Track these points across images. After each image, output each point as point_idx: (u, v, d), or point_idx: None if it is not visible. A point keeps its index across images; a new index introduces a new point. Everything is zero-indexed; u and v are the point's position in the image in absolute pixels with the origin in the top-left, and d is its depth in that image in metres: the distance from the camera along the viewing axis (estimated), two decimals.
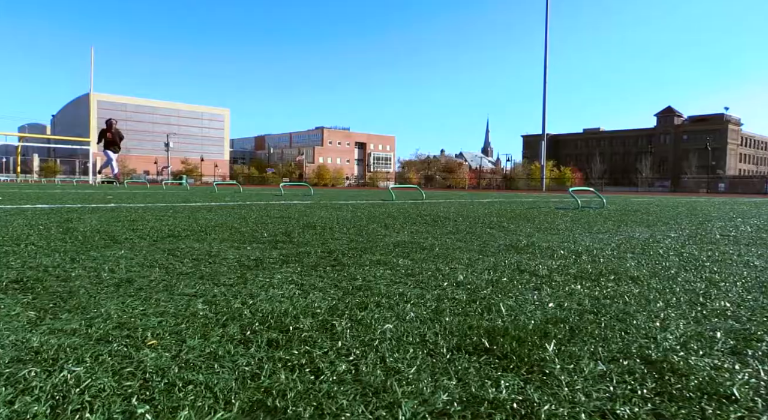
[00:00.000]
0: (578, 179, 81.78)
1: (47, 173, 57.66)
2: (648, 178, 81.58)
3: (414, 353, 0.79)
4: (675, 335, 0.89)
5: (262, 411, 0.59)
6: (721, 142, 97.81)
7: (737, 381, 0.69)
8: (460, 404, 0.61)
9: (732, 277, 1.47)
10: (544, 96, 37.22)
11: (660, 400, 0.63)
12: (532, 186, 59.87)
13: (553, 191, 44.66)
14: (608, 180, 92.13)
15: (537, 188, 46.74)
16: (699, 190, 62.46)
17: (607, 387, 0.67)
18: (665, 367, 0.73)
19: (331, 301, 1.12)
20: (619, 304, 1.12)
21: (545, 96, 37.25)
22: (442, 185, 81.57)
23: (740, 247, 2.22)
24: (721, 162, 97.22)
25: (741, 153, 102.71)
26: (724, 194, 38.04)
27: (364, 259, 1.73)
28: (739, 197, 19.15)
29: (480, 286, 1.29)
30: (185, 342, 0.83)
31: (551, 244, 2.21)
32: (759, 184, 68.77)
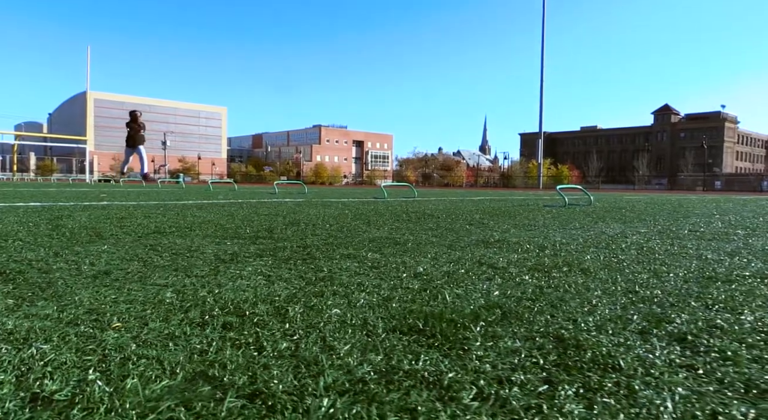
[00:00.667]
0: (575, 177, 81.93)
1: (44, 172, 57.52)
2: (645, 176, 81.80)
3: (352, 333, 0.87)
4: (596, 319, 0.98)
5: (203, 379, 0.67)
6: (717, 140, 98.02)
7: (629, 355, 0.77)
8: (377, 374, 0.70)
9: (678, 268, 1.56)
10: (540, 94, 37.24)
11: (555, 369, 0.72)
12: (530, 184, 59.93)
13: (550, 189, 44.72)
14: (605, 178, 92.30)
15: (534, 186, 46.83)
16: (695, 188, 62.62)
17: (513, 360, 0.75)
18: (571, 344, 0.82)
19: (291, 290, 1.20)
20: (560, 292, 1.21)
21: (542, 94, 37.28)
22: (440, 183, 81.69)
23: (702, 241, 2.31)
24: (718, 160, 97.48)
25: (737, 151, 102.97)
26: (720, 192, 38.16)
27: (336, 253, 1.81)
28: (733, 195, 19.28)
29: (436, 277, 1.38)
30: (147, 325, 0.91)
31: (521, 239, 2.30)
32: (755, 182, 69.03)
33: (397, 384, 0.67)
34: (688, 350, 0.80)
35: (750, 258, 1.80)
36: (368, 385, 0.66)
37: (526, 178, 71.73)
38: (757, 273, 1.49)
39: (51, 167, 60.42)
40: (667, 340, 0.85)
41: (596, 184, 78.70)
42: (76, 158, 59.25)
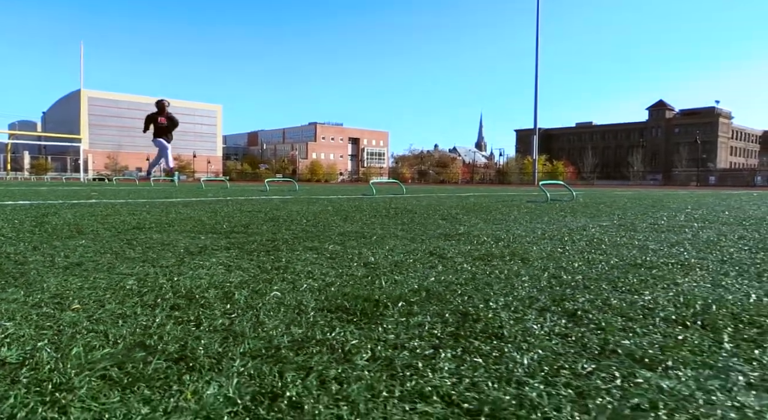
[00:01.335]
0: (570, 173, 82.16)
1: (38, 170, 57.27)
2: (639, 172, 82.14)
3: (284, 312, 0.99)
4: (507, 299, 1.09)
5: (140, 348, 0.78)
6: (711, 135, 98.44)
7: (516, 326, 0.89)
8: (292, 342, 0.81)
9: (613, 257, 1.68)
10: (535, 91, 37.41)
11: (446, 338, 0.83)
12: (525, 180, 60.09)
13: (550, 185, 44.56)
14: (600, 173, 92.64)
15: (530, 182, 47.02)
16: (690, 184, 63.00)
17: (415, 330, 0.87)
18: (471, 318, 0.94)
19: (244, 278, 1.32)
20: (490, 277, 1.33)
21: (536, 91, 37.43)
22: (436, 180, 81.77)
23: (654, 233, 2.43)
24: (712, 155, 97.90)
25: (732, 146, 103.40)
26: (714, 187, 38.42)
27: (300, 245, 1.92)
28: (725, 190, 19.47)
29: (383, 266, 1.49)
30: (104, 306, 1.02)
31: (484, 232, 2.42)
32: (748, 177, 69.48)
33: (306, 350, 0.78)
34: (572, 323, 0.92)
35: (687, 248, 1.92)
36: (281, 350, 0.78)
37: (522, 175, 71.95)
38: (680, 261, 1.61)
39: (45, 166, 60.16)
40: (559, 315, 0.97)
41: (591, 180, 79.05)
42: (71, 157, 59.05)
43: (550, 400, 0.61)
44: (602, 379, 0.68)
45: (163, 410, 0.58)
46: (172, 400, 0.60)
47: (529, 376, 0.68)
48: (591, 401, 0.61)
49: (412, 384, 0.66)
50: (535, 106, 38.08)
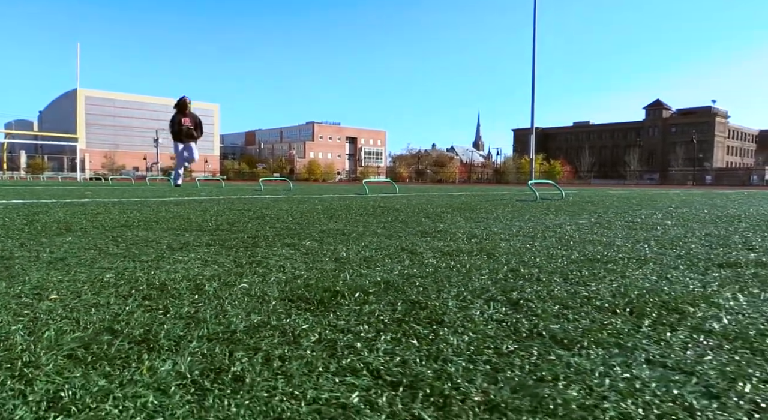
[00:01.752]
0: (567, 172, 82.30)
1: (35, 170, 57.12)
2: (636, 171, 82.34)
3: (248, 302, 1.06)
4: (460, 290, 1.17)
5: (107, 332, 0.86)
6: (708, 134, 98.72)
7: (459, 314, 0.97)
8: (248, 327, 0.88)
9: (575, 253, 1.76)
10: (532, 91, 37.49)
11: (391, 323, 0.91)
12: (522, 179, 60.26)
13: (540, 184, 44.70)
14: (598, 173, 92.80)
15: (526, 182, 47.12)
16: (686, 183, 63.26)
17: (365, 317, 0.94)
18: (419, 306, 1.01)
19: (218, 272, 1.39)
20: (452, 271, 1.40)
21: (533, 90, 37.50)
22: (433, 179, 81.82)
23: (626, 230, 2.51)
24: (709, 154, 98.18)
25: (728, 145, 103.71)
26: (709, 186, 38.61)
27: (279, 242, 2.00)
28: (719, 189, 19.60)
29: (353, 261, 1.56)
30: (80, 297, 1.09)
31: (461, 230, 2.49)
32: (744, 176, 69.72)
33: (259, 333, 0.85)
34: (512, 310, 1.00)
35: (651, 244, 2.00)
36: (236, 334, 0.85)
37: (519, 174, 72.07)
38: (638, 256, 1.69)
39: (42, 165, 60.01)
40: (502, 304, 1.05)
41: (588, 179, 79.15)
42: (67, 156, 58.91)
43: (466, 374, 0.68)
44: (520, 357, 0.75)
45: (119, 382, 0.65)
46: (128, 374, 0.68)
47: (456, 355, 0.76)
48: (502, 374, 0.68)
49: (347, 361, 0.73)
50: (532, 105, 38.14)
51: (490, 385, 0.65)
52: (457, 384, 0.65)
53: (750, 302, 1.07)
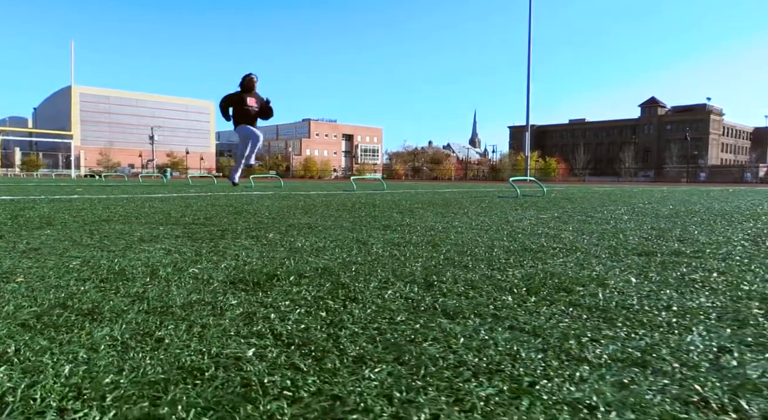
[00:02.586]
0: (563, 169, 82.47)
1: (29, 167, 56.91)
2: (631, 168, 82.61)
3: (192, 284, 1.19)
4: (387, 274, 1.30)
5: (60, 307, 0.99)
6: (703, 132, 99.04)
7: (375, 293, 1.10)
8: (183, 303, 1.01)
9: (515, 244, 1.89)
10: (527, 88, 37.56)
11: (311, 300, 1.04)
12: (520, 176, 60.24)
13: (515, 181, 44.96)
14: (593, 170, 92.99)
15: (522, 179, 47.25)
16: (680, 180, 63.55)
17: (290, 296, 1.08)
18: (341, 287, 1.14)
19: (177, 259, 1.52)
20: (391, 259, 1.53)
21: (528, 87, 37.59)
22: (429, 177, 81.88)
23: (580, 224, 2.65)
24: (703, 151, 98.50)
25: (723, 142, 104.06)
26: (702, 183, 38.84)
27: (245, 234, 2.13)
28: (709, 186, 19.79)
29: (305, 251, 1.70)
30: (44, 280, 1.22)
31: (423, 224, 2.63)
32: (737, 173, 70.06)
33: (192, 308, 0.98)
34: (423, 290, 1.13)
35: (592, 237, 2.14)
36: (172, 308, 0.98)
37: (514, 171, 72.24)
38: (571, 247, 1.83)
39: (36, 162, 59.77)
40: (417, 285, 1.18)
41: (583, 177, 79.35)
42: (62, 153, 58.70)
43: (352, 336, 0.82)
44: (407, 325, 0.88)
45: (59, 343, 0.78)
46: (68, 337, 0.81)
47: (352, 323, 0.89)
48: (381, 336, 0.82)
49: (258, 328, 0.86)
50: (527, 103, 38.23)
51: (368, 345, 0.78)
52: (341, 343, 0.79)
53: (637, 283, 1.21)
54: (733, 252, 1.71)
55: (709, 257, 1.59)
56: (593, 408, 0.57)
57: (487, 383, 0.64)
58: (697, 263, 1.48)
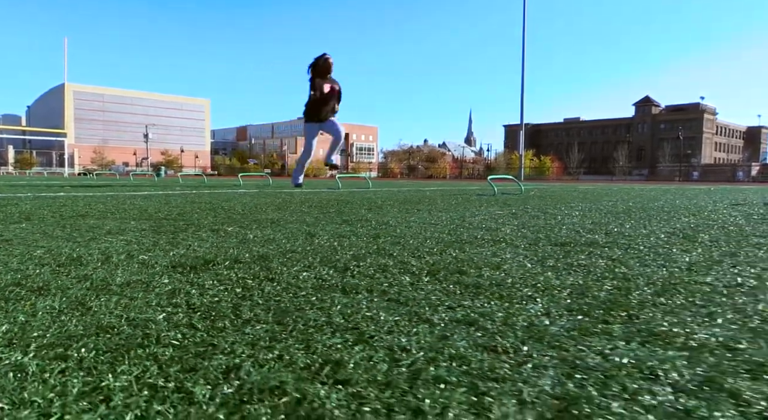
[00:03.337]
0: (557, 168, 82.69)
1: (23, 165, 56.65)
2: (624, 167, 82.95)
3: (138, 267, 1.35)
4: (319, 260, 1.47)
5: (14, 285, 1.15)
6: (697, 131, 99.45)
7: (297, 275, 1.27)
8: (123, 283, 1.18)
9: (451, 236, 2.06)
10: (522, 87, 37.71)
11: (236, 278, 1.21)
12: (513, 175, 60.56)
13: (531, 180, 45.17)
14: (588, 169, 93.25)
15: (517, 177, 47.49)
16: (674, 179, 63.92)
17: (220, 276, 1.24)
18: (267, 270, 1.31)
19: (133, 248, 1.68)
20: (325, 249, 1.70)
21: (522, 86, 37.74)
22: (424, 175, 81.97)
23: (528, 219, 2.83)
24: (697, 150, 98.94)
25: (716, 141, 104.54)
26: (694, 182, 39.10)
27: (207, 228, 2.29)
28: (698, 185, 20.03)
29: (255, 241, 1.86)
30: (6, 265, 1.38)
31: (381, 219, 2.79)
32: (729, 172, 70.51)
33: (126, 286, 1.15)
34: (337, 273, 1.30)
35: (527, 230, 2.31)
36: (110, 286, 1.14)
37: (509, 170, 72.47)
38: (498, 239, 2.00)
39: (30, 161, 59.49)
40: (334, 269, 1.35)
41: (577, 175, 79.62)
42: (56, 151, 58.42)
43: (251, 306, 0.98)
44: (305, 298, 1.05)
45: (5, 311, 0.95)
46: (13, 307, 0.97)
47: (259, 297, 1.06)
48: (277, 306, 0.98)
49: (177, 300, 1.03)
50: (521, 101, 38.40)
51: (262, 311, 0.95)
52: (240, 311, 0.95)
53: (529, 268, 1.38)
54: (641, 243, 1.89)
55: (614, 247, 1.76)
56: (406, 349, 0.74)
57: (338, 336, 0.81)
58: (599, 252, 1.66)
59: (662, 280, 1.23)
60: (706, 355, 0.73)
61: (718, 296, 1.07)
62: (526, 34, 35.67)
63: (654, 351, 0.74)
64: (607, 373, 0.67)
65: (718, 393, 0.60)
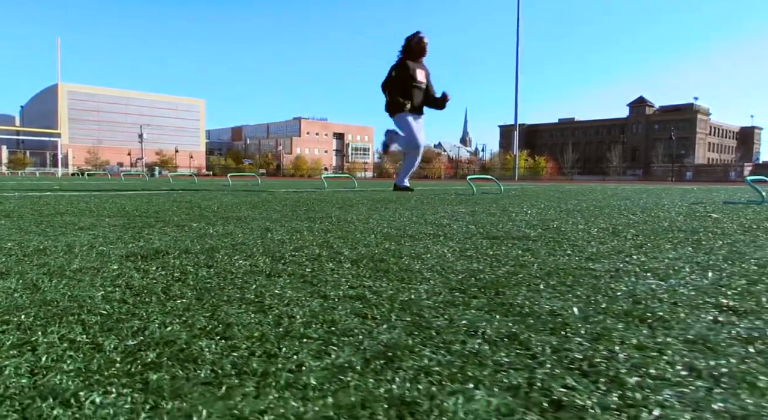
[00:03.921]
0: (551, 168, 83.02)
1: (16, 165, 56.44)
2: (618, 167, 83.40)
3: (95, 257, 1.51)
4: (265, 250, 1.63)
5: None
6: (690, 131, 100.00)
7: (235, 264, 1.43)
8: (79, 269, 1.34)
9: (399, 231, 2.23)
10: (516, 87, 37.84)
11: (179, 264, 1.37)
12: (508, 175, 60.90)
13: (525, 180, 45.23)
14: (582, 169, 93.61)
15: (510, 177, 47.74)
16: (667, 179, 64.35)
17: (166, 264, 1.40)
18: (211, 259, 1.47)
19: (97, 241, 1.83)
20: (273, 242, 1.86)
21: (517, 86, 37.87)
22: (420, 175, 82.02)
23: (488, 217, 3.00)
24: (690, 151, 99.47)
25: (709, 142, 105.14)
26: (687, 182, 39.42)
27: (174, 225, 2.44)
28: (686, 185, 20.29)
29: (212, 235, 2.02)
30: None
31: (344, 217, 2.96)
32: (721, 172, 71.03)
33: (79, 272, 1.31)
34: (272, 261, 1.46)
35: (473, 226, 2.48)
36: (66, 271, 1.30)
37: (504, 170, 72.73)
38: (441, 234, 2.17)
39: (24, 161, 59.27)
40: (271, 259, 1.51)
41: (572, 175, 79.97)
42: (50, 152, 58.22)
43: (180, 286, 1.14)
44: (230, 281, 1.21)
45: None
46: None
47: (192, 280, 1.22)
48: (202, 285, 1.14)
49: (119, 282, 1.19)
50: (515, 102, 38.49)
51: (187, 290, 1.11)
52: (170, 289, 1.11)
53: (448, 256, 1.55)
54: (569, 237, 2.06)
55: (540, 240, 1.93)
56: (292, 317, 0.91)
57: (243, 308, 0.97)
58: (522, 244, 1.83)
59: (554, 266, 1.40)
60: (529, 319, 0.90)
61: (588, 279, 1.24)
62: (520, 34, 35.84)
63: (491, 316, 0.91)
64: (439, 330, 0.83)
65: (511, 343, 0.77)
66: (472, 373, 0.66)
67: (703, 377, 0.65)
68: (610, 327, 0.86)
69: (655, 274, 1.30)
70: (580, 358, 0.72)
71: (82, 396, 0.59)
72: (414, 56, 5.15)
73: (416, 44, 5.11)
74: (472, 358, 0.72)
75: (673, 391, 0.61)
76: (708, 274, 1.30)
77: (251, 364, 0.69)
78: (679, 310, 0.96)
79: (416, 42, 5.12)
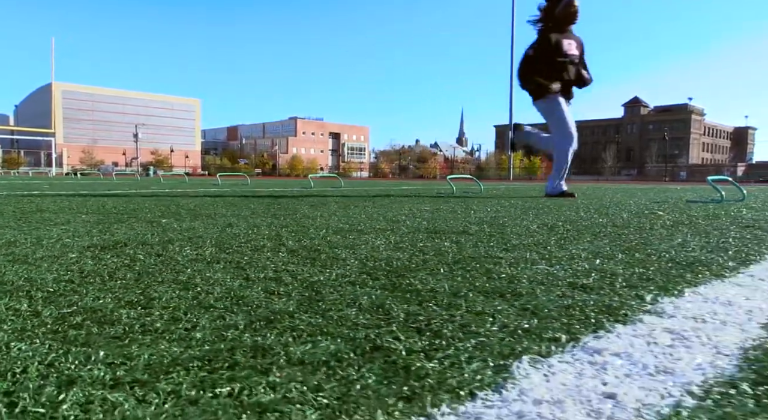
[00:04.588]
0: (546, 168, 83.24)
1: (10, 165, 56.30)
2: (612, 168, 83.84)
3: (60, 248, 1.67)
4: (215, 242, 1.80)
5: None
6: (684, 131, 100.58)
7: (186, 252, 1.60)
8: (42, 258, 1.50)
9: (352, 227, 2.40)
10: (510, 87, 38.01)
11: (134, 254, 1.53)
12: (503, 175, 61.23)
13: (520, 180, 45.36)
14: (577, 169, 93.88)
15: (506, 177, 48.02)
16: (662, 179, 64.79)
17: (123, 253, 1.57)
18: (171, 251, 1.64)
19: (67, 235, 2.00)
20: (231, 236, 2.03)
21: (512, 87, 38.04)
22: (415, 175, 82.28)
23: (448, 213, 3.17)
24: (684, 151, 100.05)
25: (703, 142, 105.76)
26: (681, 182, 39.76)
27: (145, 221, 2.61)
28: (677, 184, 20.53)
29: (174, 229, 2.18)
30: None
31: (311, 214, 3.13)
32: (714, 172, 71.58)
33: (42, 260, 1.47)
34: (219, 252, 1.63)
35: (428, 223, 2.65)
36: (29, 259, 1.46)
37: (499, 169, 72.91)
38: (388, 228, 2.34)
39: (18, 160, 59.11)
40: (219, 250, 1.68)
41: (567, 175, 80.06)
42: (44, 151, 58.11)
43: (128, 270, 1.31)
44: (179, 266, 1.38)
45: None
46: None
47: (139, 266, 1.38)
48: (152, 269, 1.31)
49: (73, 267, 1.35)
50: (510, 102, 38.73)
51: (131, 274, 1.28)
52: (113, 274, 1.28)
53: (381, 248, 1.72)
54: (507, 232, 2.23)
55: (477, 235, 2.11)
56: (209, 292, 1.08)
57: (171, 287, 1.14)
58: (456, 238, 2.00)
59: (466, 255, 1.57)
60: (408, 294, 1.07)
61: (488, 265, 1.42)
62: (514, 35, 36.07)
63: (379, 292, 1.08)
64: (327, 302, 1.00)
65: (377, 310, 0.94)
66: (329, 330, 0.84)
67: (509, 331, 0.82)
68: (471, 300, 1.03)
69: (549, 262, 1.47)
70: (422, 319, 0.89)
71: (13, 345, 0.76)
72: (560, 26, 4.24)
73: (563, 9, 4.16)
74: (339, 320, 0.89)
75: (476, 341, 0.78)
76: (596, 262, 1.48)
77: (155, 324, 0.86)
78: (538, 288, 1.13)
79: (563, 7, 4.16)
